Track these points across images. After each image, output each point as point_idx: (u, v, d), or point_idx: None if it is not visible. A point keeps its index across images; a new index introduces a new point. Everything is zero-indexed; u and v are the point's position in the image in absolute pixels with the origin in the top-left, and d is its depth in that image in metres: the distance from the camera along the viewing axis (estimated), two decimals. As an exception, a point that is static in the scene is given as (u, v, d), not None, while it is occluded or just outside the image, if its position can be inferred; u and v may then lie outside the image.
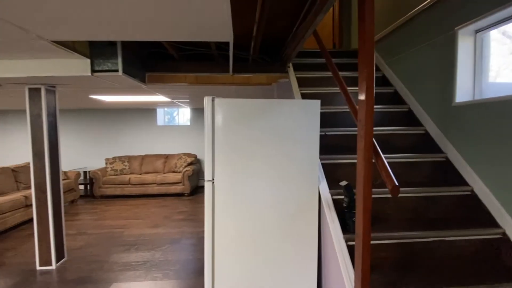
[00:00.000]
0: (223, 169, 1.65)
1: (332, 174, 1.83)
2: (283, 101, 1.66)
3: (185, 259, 2.76)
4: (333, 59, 2.19)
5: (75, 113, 6.10)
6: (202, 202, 4.95)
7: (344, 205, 1.55)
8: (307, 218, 1.72)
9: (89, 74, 2.09)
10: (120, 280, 2.37)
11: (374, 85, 1.05)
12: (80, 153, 6.15)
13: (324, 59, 2.92)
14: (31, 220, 4.05)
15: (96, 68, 2.09)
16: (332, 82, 2.66)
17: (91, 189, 5.51)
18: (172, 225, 3.76)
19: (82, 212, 4.44)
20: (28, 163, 4.69)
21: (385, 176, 1.08)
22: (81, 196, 5.50)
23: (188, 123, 6.33)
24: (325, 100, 2.31)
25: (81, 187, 5.71)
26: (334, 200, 1.64)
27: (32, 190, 2.57)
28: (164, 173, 5.61)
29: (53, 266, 2.63)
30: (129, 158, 5.78)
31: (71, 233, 3.51)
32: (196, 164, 5.89)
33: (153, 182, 5.29)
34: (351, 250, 1.42)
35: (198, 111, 6.26)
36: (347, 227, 1.53)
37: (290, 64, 2.63)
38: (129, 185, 5.28)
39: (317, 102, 1.68)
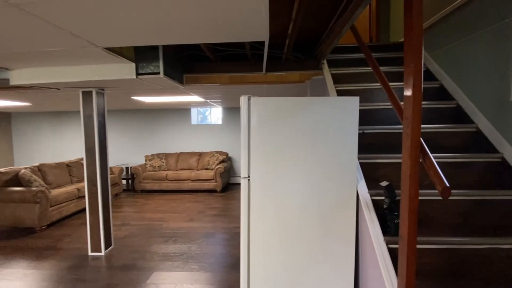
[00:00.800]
0: (258, 166, 1.68)
1: (370, 174, 1.76)
2: (319, 99, 1.64)
3: (219, 253, 2.86)
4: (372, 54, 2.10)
5: (118, 114, 6.62)
6: (233, 198, 5.07)
7: (385, 206, 1.49)
8: (344, 218, 1.68)
9: (134, 77, 2.26)
10: (160, 269, 2.53)
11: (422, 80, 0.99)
12: (123, 150, 6.67)
13: (360, 54, 2.82)
14: (82, 210, 4.50)
15: (140, 71, 2.25)
16: (369, 78, 2.56)
17: (132, 184, 5.94)
18: (206, 219, 3.91)
19: (125, 204, 4.81)
20: (80, 159, 5.21)
21: (434, 176, 1.02)
22: (124, 190, 5.97)
23: (220, 122, 6.51)
24: (362, 96, 2.21)
25: (124, 181, 6.20)
26: (373, 200, 1.58)
27: (85, 184, 2.85)
28: (197, 170, 5.85)
29: (102, 253, 2.89)
30: (166, 155, 6.12)
31: (116, 223, 3.83)
32: (227, 162, 6.04)
33: (187, 178, 5.54)
34: (392, 253, 1.36)
35: (229, 111, 6.41)
36: (387, 229, 1.47)
37: (325, 61, 2.58)
38: (166, 181, 5.60)
39: (356, 99, 1.63)
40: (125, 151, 6.66)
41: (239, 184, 6.20)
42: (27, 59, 2.09)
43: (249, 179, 1.68)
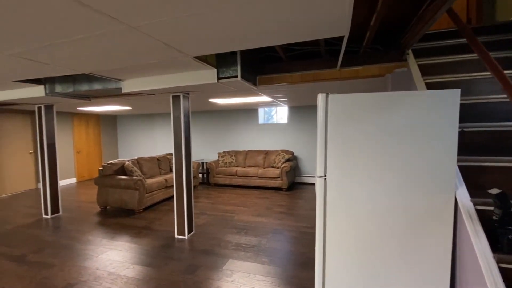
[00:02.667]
0: (336, 166, 1.63)
1: (473, 179, 1.51)
2: (409, 93, 1.49)
3: (288, 250, 2.90)
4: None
5: (196, 115, 7.40)
6: (299, 198, 5.05)
7: (495, 218, 1.25)
8: (437, 228, 1.48)
9: (215, 81, 2.49)
10: (234, 258, 2.74)
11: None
12: (199, 147, 7.42)
13: (454, 40, 2.43)
14: (168, 198, 5.22)
15: (221, 76, 2.48)
16: (467, 67, 2.18)
17: (207, 178, 6.56)
18: (274, 216, 4.01)
19: (201, 196, 5.36)
20: (166, 154, 6.04)
21: None
22: (200, 183, 6.64)
23: (286, 121, 6.56)
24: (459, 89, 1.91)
25: (200, 175, 6.89)
26: (477, 210, 1.35)
27: (174, 175, 3.30)
28: (264, 168, 6.04)
29: (186, 237, 3.30)
30: (236, 153, 6.53)
31: (195, 212, 4.30)
32: (293, 161, 6.04)
33: (255, 175, 5.79)
34: (504, 274, 1.14)
35: (295, 110, 6.39)
36: (498, 245, 1.24)
37: (410, 51, 2.31)
38: (236, 176, 5.98)
39: (456, 92, 1.41)
40: (201, 148, 7.40)
41: (305, 183, 6.16)
42: (134, 71, 2.55)
43: (325, 178, 1.65)
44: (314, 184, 6.27)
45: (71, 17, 1.30)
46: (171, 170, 5.83)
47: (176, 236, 3.34)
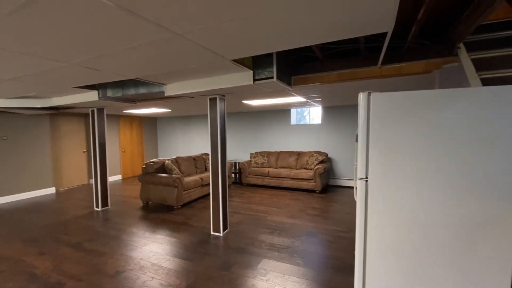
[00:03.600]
0: (379, 167, 1.56)
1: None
2: (462, 90, 1.37)
3: (323, 253, 2.84)
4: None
5: (229, 116, 7.59)
6: (334, 201, 4.90)
7: None
8: (497, 239, 1.34)
9: (251, 82, 2.55)
10: (268, 257, 2.76)
11: None
12: (232, 147, 7.60)
13: (518, 30, 2.16)
14: (203, 196, 5.43)
15: (256, 77, 2.52)
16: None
17: (239, 178, 6.69)
18: (307, 218, 3.95)
19: (234, 195, 5.48)
20: (202, 154, 6.30)
21: None
22: (233, 183, 6.80)
23: (319, 122, 6.42)
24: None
25: (233, 175, 7.05)
26: (548, 221, 1.19)
27: (210, 174, 3.43)
28: (296, 169, 5.98)
29: (221, 234, 3.41)
30: (268, 154, 6.56)
31: (229, 211, 4.42)
32: (327, 163, 5.89)
33: (287, 176, 5.76)
34: None
35: (329, 110, 6.22)
36: None
37: (461, 44, 2.12)
38: (268, 177, 6.01)
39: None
40: (234, 148, 7.57)
41: (340, 186, 5.97)
42: (176, 75, 2.72)
43: (366, 181, 1.59)
44: (349, 187, 6.03)
45: (125, 28, 1.43)
46: (206, 169, 6.05)
47: (212, 233, 3.46)
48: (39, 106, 4.18)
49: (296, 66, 2.94)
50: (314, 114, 6.70)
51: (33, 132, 5.73)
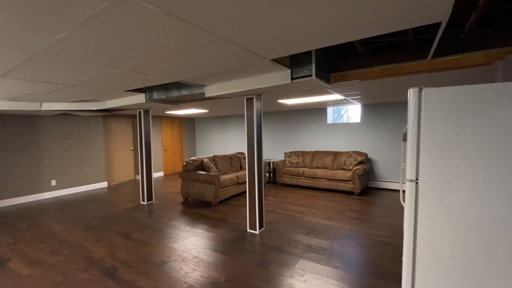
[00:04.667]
0: (432, 168, 1.45)
1: None
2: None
3: (363, 258, 2.71)
4: None
5: (264, 115, 7.65)
6: (374, 204, 4.65)
7: None
8: None
9: (289, 81, 2.54)
10: (305, 258, 2.72)
11: None
12: (266, 147, 7.64)
13: None
14: (239, 194, 5.55)
15: (294, 76, 2.50)
16: None
17: (273, 177, 6.70)
18: (346, 221, 3.81)
19: (269, 194, 5.50)
20: (237, 153, 6.44)
21: None
22: (267, 182, 6.83)
23: (358, 120, 6.13)
24: None
25: (267, 174, 7.08)
26: None
27: (246, 172, 3.50)
28: (333, 170, 5.79)
29: (257, 231, 3.45)
30: (302, 153, 6.47)
31: (264, 209, 4.45)
32: (366, 164, 5.60)
33: (323, 177, 5.61)
34: None
35: (369, 108, 5.90)
36: None
37: (532, 31, 1.86)
38: (303, 177, 5.92)
39: None
40: (267, 147, 7.60)
41: (381, 189, 5.64)
42: (215, 77, 2.82)
43: (417, 183, 1.48)
44: (391, 190, 5.67)
45: (173, 34, 1.53)
46: (241, 168, 6.18)
47: (248, 230, 3.53)
48: (95, 109, 4.67)
49: (335, 63, 2.85)
50: (353, 112, 6.42)
51: (89, 132, 6.41)
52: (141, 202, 5.08)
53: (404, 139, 1.99)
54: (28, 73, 2.33)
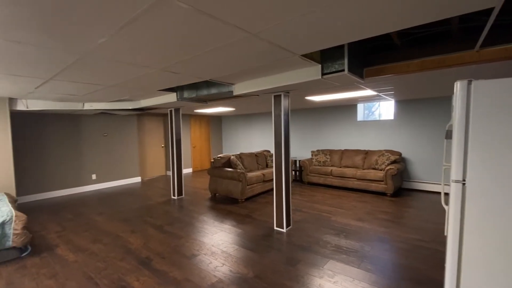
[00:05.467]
0: (483, 168, 1.32)
1: None
2: None
3: (397, 262, 2.57)
4: None
5: (291, 113, 7.55)
6: (409, 206, 4.38)
7: None
8: None
9: (320, 77, 2.47)
10: (335, 259, 2.65)
11: None
12: (292, 145, 7.55)
13: None
14: (265, 192, 5.56)
15: (325, 71, 2.43)
16: None
17: (300, 176, 6.61)
18: (377, 223, 3.63)
19: (295, 193, 5.44)
20: (263, 151, 6.45)
21: None
22: (293, 180, 6.76)
23: (391, 117, 5.80)
24: None
25: (292, 173, 7.01)
26: None
27: (273, 170, 3.48)
28: (363, 169, 5.56)
29: (284, 230, 3.43)
30: (330, 152, 6.29)
31: (291, 208, 4.41)
32: (400, 163, 5.29)
33: (353, 176, 5.41)
34: None
35: (404, 104, 5.56)
36: None
37: None
38: (331, 176, 5.76)
39: None
40: (294, 145, 7.51)
41: (417, 190, 5.31)
42: (243, 75, 2.83)
43: (464, 184, 1.36)
44: (428, 191, 5.30)
45: (205, 32, 1.56)
46: (267, 166, 6.18)
47: (275, 228, 3.52)
48: (130, 108, 4.95)
49: (369, 57, 2.71)
50: (385, 109, 6.09)
51: (125, 130, 6.83)
52: (172, 197, 5.30)
53: (448, 136, 1.84)
54: (74, 75, 2.53)
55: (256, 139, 8.53)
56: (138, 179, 7.14)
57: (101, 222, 3.90)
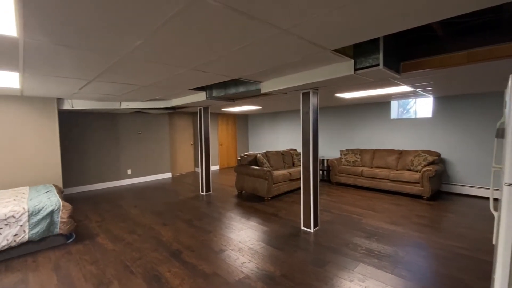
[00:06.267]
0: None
1: None
2: None
3: (436, 270, 2.39)
4: None
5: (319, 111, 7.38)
6: (448, 211, 4.05)
7: None
8: None
9: (352, 73, 2.37)
10: (366, 263, 2.53)
11: None
12: (320, 144, 7.38)
13: None
14: (292, 191, 5.50)
15: (358, 66, 2.32)
16: None
17: (327, 175, 6.44)
18: (413, 227, 3.41)
19: (323, 193, 5.30)
20: (289, 150, 6.38)
21: None
22: (320, 180, 6.60)
23: (429, 115, 5.40)
24: None
25: (320, 172, 6.84)
26: None
27: (301, 169, 3.42)
28: (397, 170, 5.26)
29: (311, 230, 3.36)
30: (361, 151, 6.03)
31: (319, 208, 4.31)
32: (439, 165, 4.91)
33: (385, 177, 5.14)
34: None
35: (444, 101, 5.14)
36: None
37: None
38: (361, 177, 5.53)
39: None
40: (322, 144, 7.33)
41: (457, 194, 4.92)
42: (271, 73, 2.82)
43: (520, 187, 1.22)
44: (471, 196, 4.86)
45: (237, 30, 1.57)
46: (293, 165, 6.10)
47: (302, 227, 3.46)
48: (162, 107, 5.19)
49: (407, 50, 2.55)
50: (422, 106, 5.69)
51: (157, 128, 7.17)
52: (200, 193, 5.47)
53: (499, 135, 1.66)
54: (113, 76, 2.71)
55: (282, 138, 8.47)
56: (169, 175, 7.46)
57: (136, 214, 4.14)
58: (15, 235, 2.76)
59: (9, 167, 3.92)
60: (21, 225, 2.80)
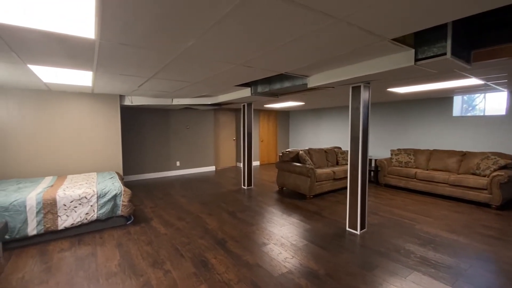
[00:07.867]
0: None
1: None
2: None
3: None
4: None
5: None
6: (525, 223, 3.48)
7: None
8: None
9: (412, 63, 2.16)
10: (421, 272, 2.32)
11: None
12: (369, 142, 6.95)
13: None
14: (336, 190, 5.30)
15: (420, 57, 2.11)
16: None
17: (375, 176, 6.04)
18: (477, 238, 3.02)
19: (370, 195, 5.00)
20: (333, 147, 6.14)
21: None
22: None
23: (503, 113, 4.68)
24: None
25: (366, 172, 6.46)
26: None
27: (348, 167, 3.27)
28: (458, 174, 4.68)
29: (358, 232, 3.20)
30: (415, 152, 5.52)
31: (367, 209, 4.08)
32: (513, 169, 4.24)
33: (444, 181, 4.62)
34: None
35: (524, 95, 4.39)
36: None
37: None
38: (414, 180, 5.06)
39: None
40: (370, 143, 6.88)
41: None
42: (319, 66, 2.73)
43: None
44: (555, 208, 4.10)
45: (288, 21, 1.55)
46: (337, 163, 5.86)
47: (347, 228, 3.32)
48: (209, 103, 5.43)
49: (478, 36, 2.23)
50: (493, 101, 4.95)
51: (204, 123, 7.54)
52: (242, 187, 5.61)
53: None
54: (168, 73, 2.92)
55: (324, 135, 8.19)
56: (212, 168, 7.81)
57: (184, 203, 4.43)
58: (86, 214, 3.18)
59: (81, 155, 4.52)
60: (91, 205, 3.21)
